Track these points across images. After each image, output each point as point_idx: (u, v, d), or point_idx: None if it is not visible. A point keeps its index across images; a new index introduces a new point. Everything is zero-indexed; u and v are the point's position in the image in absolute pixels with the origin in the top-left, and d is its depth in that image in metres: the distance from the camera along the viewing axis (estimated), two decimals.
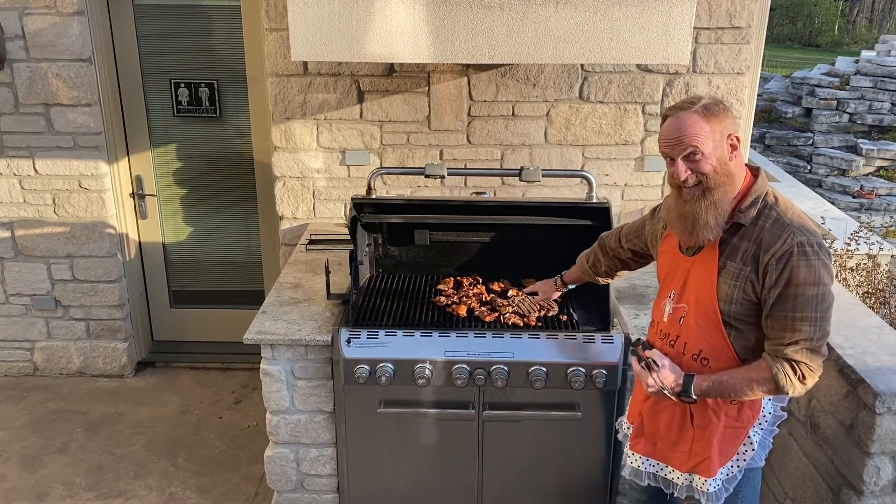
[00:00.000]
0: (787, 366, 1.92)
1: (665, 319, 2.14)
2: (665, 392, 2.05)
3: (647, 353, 2.10)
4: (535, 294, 2.92)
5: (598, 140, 3.67)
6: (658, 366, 2.06)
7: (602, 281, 2.71)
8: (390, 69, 3.59)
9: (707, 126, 1.91)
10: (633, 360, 2.15)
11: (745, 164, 2.03)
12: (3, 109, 3.89)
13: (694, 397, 2.01)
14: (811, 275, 1.88)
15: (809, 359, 1.92)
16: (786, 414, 2.13)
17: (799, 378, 1.92)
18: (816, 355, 1.93)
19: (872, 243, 4.31)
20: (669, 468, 2.18)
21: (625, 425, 2.39)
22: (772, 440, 2.13)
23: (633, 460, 2.26)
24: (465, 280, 3.13)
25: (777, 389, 1.95)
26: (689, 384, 2.00)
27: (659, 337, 2.17)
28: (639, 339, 2.20)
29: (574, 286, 2.86)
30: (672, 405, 2.13)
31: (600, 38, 2.81)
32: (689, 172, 1.93)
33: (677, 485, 2.16)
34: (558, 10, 2.78)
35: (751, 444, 2.08)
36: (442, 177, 3.03)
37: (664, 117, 1.99)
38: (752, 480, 2.15)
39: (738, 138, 1.95)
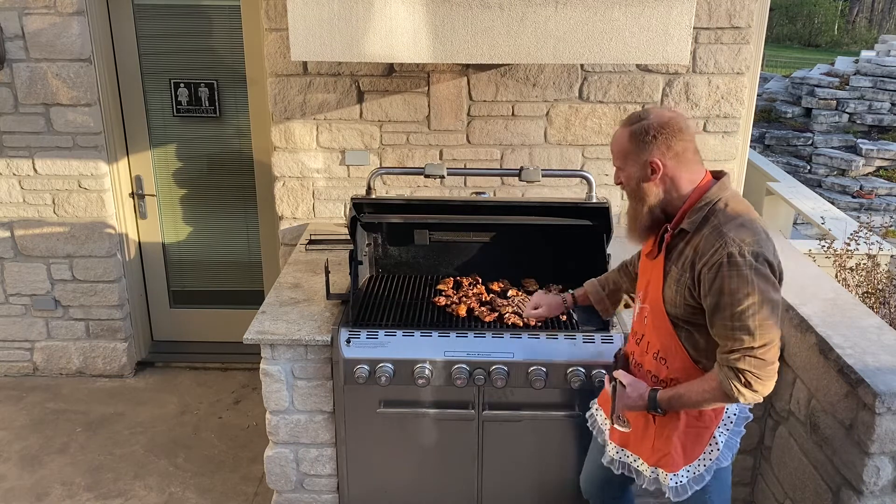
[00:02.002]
0: (731, 374, 1.93)
1: (635, 318, 2.27)
2: (619, 423, 2.19)
3: (616, 372, 2.19)
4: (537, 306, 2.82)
5: (597, 140, 3.68)
6: (623, 386, 2.15)
7: (613, 310, 2.64)
8: (390, 69, 3.59)
9: (628, 145, 2.05)
10: (605, 379, 2.29)
11: (711, 171, 2.08)
12: (3, 109, 3.89)
13: (660, 411, 2.10)
14: (743, 285, 1.88)
15: (753, 366, 1.91)
16: (752, 415, 2.16)
17: (745, 385, 1.92)
18: (761, 362, 1.91)
19: (872, 243, 4.31)
20: (640, 460, 2.25)
21: (600, 417, 2.45)
22: (739, 440, 2.15)
23: (609, 448, 2.35)
24: (465, 280, 3.13)
25: (727, 398, 1.97)
26: (654, 400, 2.10)
27: (633, 337, 2.28)
28: (619, 351, 2.33)
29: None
30: None
31: (600, 38, 2.81)
32: (620, 179, 2.12)
33: (645, 477, 2.23)
34: (558, 10, 2.78)
35: (716, 444, 2.12)
36: (442, 177, 3.03)
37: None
38: (719, 479, 2.18)
39: (661, 165, 2.01)
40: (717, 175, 2.07)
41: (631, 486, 2.54)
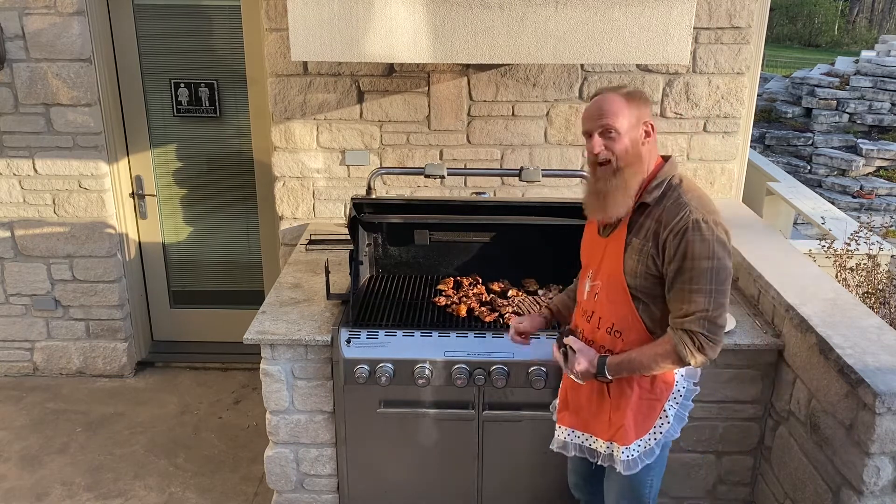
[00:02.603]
0: (685, 336, 2.02)
1: (584, 297, 2.26)
2: (576, 377, 2.20)
3: (567, 339, 2.24)
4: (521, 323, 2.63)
5: None
6: (574, 352, 2.19)
7: None
8: (390, 69, 3.59)
9: (626, 108, 2.04)
10: (553, 346, 2.30)
11: (660, 154, 2.17)
12: (3, 109, 3.89)
13: (609, 377, 2.14)
14: (705, 249, 1.98)
15: (706, 329, 2.01)
16: (699, 388, 2.25)
17: (698, 348, 2.02)
18: (714, 326, 2.01)
19: (872, 243, 4.31)
20: (593, 437, 2.28)
21: (554, 402, 2.49)
22: (688, 415, 2.23)
23: (560, 433, 2.36)
24: (465, 280, 3.13)
25: (679, 361, 2.05)
26: (602, 365, 2.14)
27: (582, 316, 2.28)
28: (566, 327, 2.36)
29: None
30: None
31: (600, 38, 2.81)
32: (604, 148, 2.05)
33: (600, 453, 2.26)
34: (558, 10, 2.78)
35: (666, 417, 2.19)
36: (442, 177, 3.03)
37: (592, 96, 2.13)
38: (663, 454, 2.26)
39: (653, 126, 2.09)
40: (665, 157, 2.16)
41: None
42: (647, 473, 2.25)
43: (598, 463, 2.29)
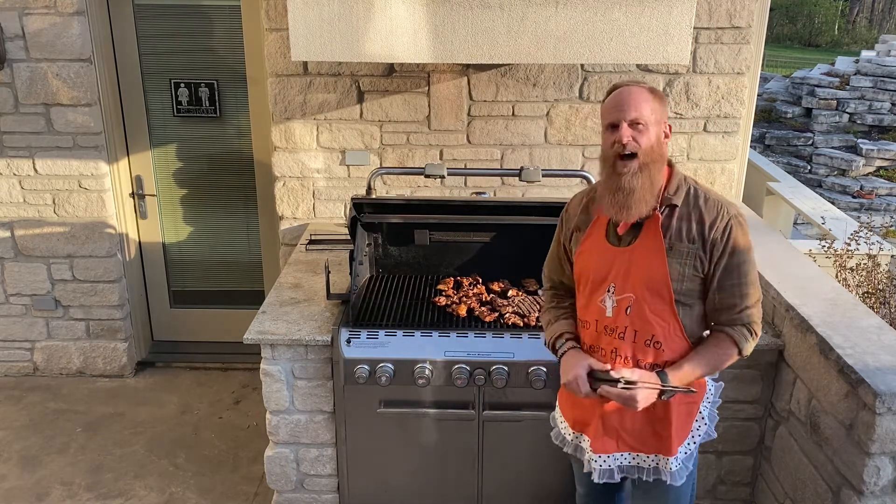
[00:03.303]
0: (744, 330, 2.05)
1: (609, 314, 2.11)
2: (635, 406, 2.03)
3: (618, 374, 2.03)
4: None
5: (598, 140, 3.67)
6: (630, 383, 2.02)
7: None
8: (390, 69, 3.59)
9: (653, 103, 2.00)
10: (604, 389, 2.04)
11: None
12: (3, 109, 3.89)
13: (672, 393, 2.05)
14: (747, 243, 2.03)
15: (757, 318, 2.06)
16: (723, 382, 2.25)
17: (753, 337, 2.07)
18: (760, 312, 2.07)
19: (872, 243, 4.31)
20: (639, 455, 2.20)
21: (569, 435, 2.29)
22: (717, 412, 2.21)
23: (603, 462, 2.21)
24: (465, 280, 3.13)
25: (739, 356, 2.08)
26: (664, 388, 2.03)
27: (604, 333, 2.13)
28: (593, 371, 2.09)
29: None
30: None
31: (600, 38, 2.81)
32: (632, 139, 1.97)
33: (644, 468, 2.20)
34: (558, 10, 2.78)
35: (702, 418, 2.17)
36: (442, 177, 3.04)
37: (611, 90, 2.05)
38: (696, 459, 2.25)
39: (670, 127, 2.07)
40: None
41: (621, 493, 2.46)
42: (689, 480, 2.19)
43: (643, 478, 2.19)
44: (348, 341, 2.70)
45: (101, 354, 4.34)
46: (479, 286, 3.08)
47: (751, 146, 4.13)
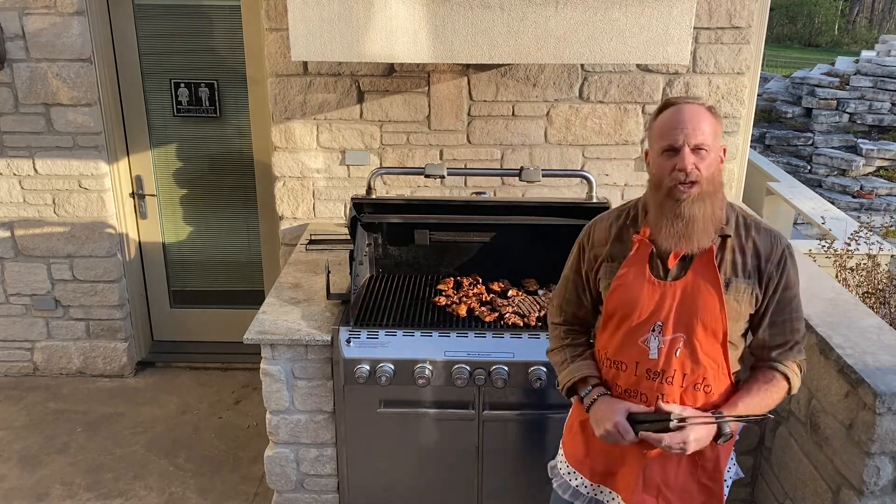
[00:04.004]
0: (795, 367, 1.94)
1: (654, 355, 1.90)
2: (683, 450, 1.84)
3: (668, 408, 1.85)
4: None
5: (598, 140, 3.68)
6: (688, 420, 1.82)
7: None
8: (390, 69, 3.59)
9: (716, 126, 1.82)
10: (648, 435, 1.84)
11: None
12: (3, 109, 3.89)
13: (730, 435, 1.87)
14: (797, 274, 1.92)
15: (803, 354, 1.96)
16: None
17: (802, 373, 1.96)
18: (804, 347, 1.98)
19: (872, 243, 4.31)
20: None
21: (584, 487, 2.10)
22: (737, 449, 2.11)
23: None
24: (465, 280, 3.13)
25: (788, 393, 1.95)
26: (721, 422, 1.85)
27: (645, 377, 1.91)
28: (633, 415, 1.89)
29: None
30: None
31: (600, 38, 2.81)
32: (694, 167, 1.77)
33: None
34: (558, 10, 2.78)
35: (732, 459, 2.06)
36: (442, 177, 3.03)
37: (665, 106, 1.85)
38: None
39: (724, 150, 1.88)
40: None
41: None
42: None
43: None
44: (348, 341, 2.70)
45: (101, 354, 4.34)
46: (479, 286, 3.08)
47: (751, 146, 4.13)
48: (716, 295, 1.84)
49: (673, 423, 1.80)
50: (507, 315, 2.83)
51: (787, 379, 1.93)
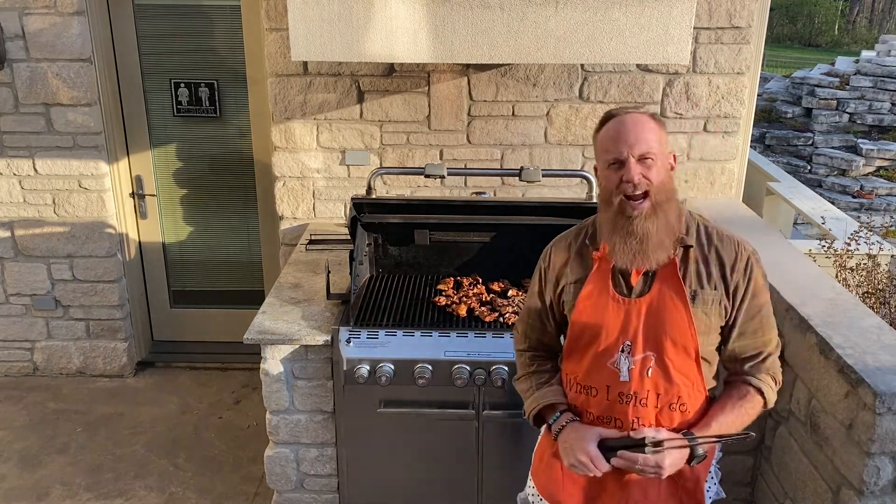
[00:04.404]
0: (769, 379, 1.86)
1: (625, 377, 1.81)
2: (660, 474, 1.78)
3: (639, 434, 1.78)
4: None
5: None
6: (662, 443, 1.75)
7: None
8: (390, 69, 3.59)
9: (660, 133, 1.76)
10: (625, 457, 1.76)
11: None
12: (3, 109, 3.89)
13: (703, 456, 1.81)
14: (765, 282, 1.85)
15: (778, 364, 1.88)
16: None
17: (777, 385, 1.88)
18: (778, 357, 1.89)
19: (872, 243, 4.31)
20: None
21: None
22: (719, 467, 2.01)
23: None
24: (465, 280, 3.13)
25: (764, 408, 1.87)
26: (695, 445, 1.79)
27: (618, 401, 1.82)
28: (605, 441, 1.82)
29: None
30: None
31: (600, 38, 2.81)
32: (641, 176, 1.71)
33: None
34: (558, 10, 2.78)
35: (711, 478, 1.97)
36: (442, 177, 3.03)
37: (606, 119, 1.80)
38: None
39: (674, 157, 1.83)
40: None
41: None
42: None
43: None
44: (348, 341, 2.70)
45: (101, 354, 4.34)
46: (479, 286, 3.08)
47: (751, 146, 4.13)
48: (683, 309, 1.78)
49: (648, 450, 1.73)
50: (507, 315, 2.83)
51: (762, 393, 1.85)
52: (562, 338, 2.03)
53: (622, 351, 1.81)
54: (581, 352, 1.88)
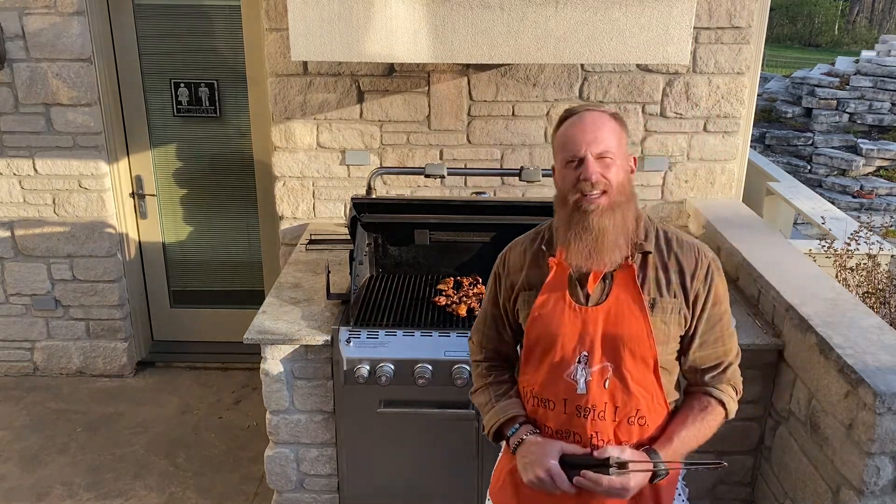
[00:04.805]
0: (730, 390, 1.80)
1: (582, 390, 1.72)
2: (623, 495, 1.69)
3: (603, 454, 1.68)
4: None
5: None
6: (627, 465, 1.67)
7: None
8: (390, 69, 3.59)
9: (619, 132, 1.71)
10: (588, 477, 1.65)
11: None
12: (3, 109, 3.89)
13: (666, 473, 1.73)
14: (726, 290, 1.80)
15: (739, 374, 1.83)
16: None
17: (738, 395, 1.82)
18: (738, 368, 1.83)
19: (872, 243, 4.30)
20: None
21: None
22: (686, 483, 1.94)
23: None
24: (465, 280, 3.13)
25: (725, 419, 1.81)
26: (659, 462, 1.71)
27: (575, 415, 1.73)
28: (566, 457, 1.71)
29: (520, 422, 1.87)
30: None
31: (600, 38, 2.81)
32: (599, 175, 1.65)
33: None
34: (558, 10, 2.78)
35: (679, 495, 1.88)
36: (442, 177, 3.04)
37: (565, 116, 1.75)
38: None
39: (635, 160, 1.78)
40: None
41: None
42: None
43: None
44: (348, 341, 2.70)
45: (101, 354, 4.34)
46: (479, 286, 3.08)
47: (751, 146, 4.13)
48: (641, 317, 1.70)
49: (613, 471, 1.64)
50: None
51: (723, 404, 1.79)
52: (519, 347, 1.94)
53: (579, 362, 1.73)
54: (537, 362, 1.80)
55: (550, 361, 1.75)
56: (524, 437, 1.79)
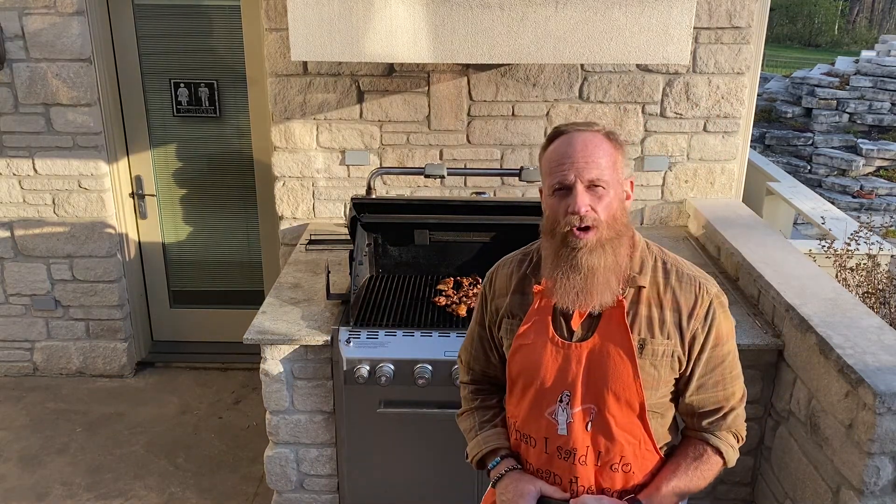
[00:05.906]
0: (730, 437, 1.68)
1: (563, 431, 1.62)
2: None
3: (582, 500, 1.61)
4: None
5: None
6: None
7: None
8: (390, 69, 3.59)
9: (615, 156, 1.55)
10: None
11: None
12: (3, 109, 3.89)
13: None
14: (730, 327, 1.64)
15: (742, 419, 1.69)
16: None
17: (740, 442, 1.71)
18: (743, 413, 1.70)
19: (872, 243, 4.30)
20: None
21: None
22: None
23: None
24: (465, 280, 3.13)
25: (723, 468, 1.70)
26: None
27: (556, 456, 1.64)
28: (545, 499, 1.67)
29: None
30: None
31: (600, 38, 2.81)
32: (589, 208, 1.50)
33: None
34: (558, 10, 2.78)
35: None
36: (442, 177, 3.04)
37: (554, 136, 1.58)
38: None
39: (632, 184, 1.62)
40: None
41: None
42: None
43: None
44: (348, 341, 2.70)
45: (101, 354, 4.34)
46: (479, 286, 3.08)
47: (751, 146, 4.13)
48: (627, 360, 1.56)
49: None
50: None
51: (721, 453, 1.67)
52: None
53: (560, 401, 1.61)
54: (520, 394, 1.69)
55: (532, 396, 1.65)
56: (504, 471, 1.71)
